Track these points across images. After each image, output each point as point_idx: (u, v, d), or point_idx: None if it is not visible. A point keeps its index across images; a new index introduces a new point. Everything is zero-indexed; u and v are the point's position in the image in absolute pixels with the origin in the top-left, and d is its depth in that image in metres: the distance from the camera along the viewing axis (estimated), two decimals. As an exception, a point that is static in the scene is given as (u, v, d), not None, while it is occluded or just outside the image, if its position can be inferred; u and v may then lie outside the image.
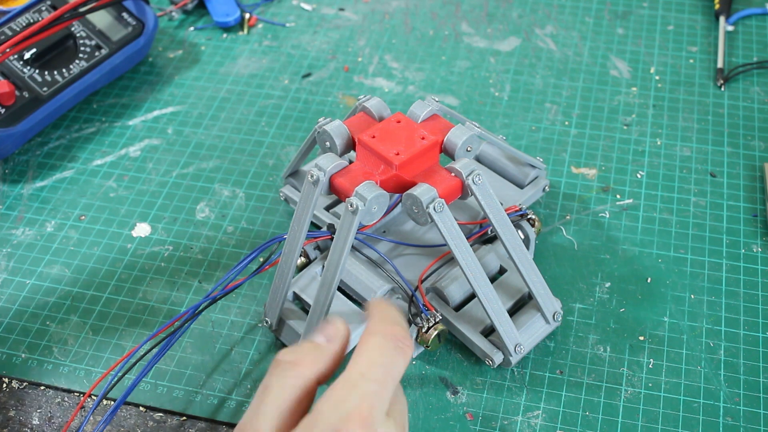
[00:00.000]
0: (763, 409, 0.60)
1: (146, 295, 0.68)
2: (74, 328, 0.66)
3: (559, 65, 0.87)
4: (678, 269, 0.68)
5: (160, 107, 0.84)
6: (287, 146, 0.79)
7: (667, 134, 0.79)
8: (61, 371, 0.64)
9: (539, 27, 0.92)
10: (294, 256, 0.60)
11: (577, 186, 0.75)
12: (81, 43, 0.82)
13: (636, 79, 0.85)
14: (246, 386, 0.62)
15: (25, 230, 0.73)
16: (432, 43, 0.90)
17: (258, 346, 0.64)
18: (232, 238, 0.72)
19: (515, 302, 0.64)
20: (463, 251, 0.56)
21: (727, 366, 0.62)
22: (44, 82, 0.79)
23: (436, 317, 0.60)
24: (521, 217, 0.67)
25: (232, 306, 0.67)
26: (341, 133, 0.58)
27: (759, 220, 0.71)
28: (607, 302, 0.66)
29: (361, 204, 0.54)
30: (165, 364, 0.64)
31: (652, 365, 0.62)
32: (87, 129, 0.82)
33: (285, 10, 0.95)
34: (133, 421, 0.61)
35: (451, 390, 0.62)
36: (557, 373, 0.62)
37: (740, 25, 0.91)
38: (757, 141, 0.78)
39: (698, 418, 0.59)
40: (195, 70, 0.88)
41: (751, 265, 0.68)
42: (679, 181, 0.75)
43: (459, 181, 0.56)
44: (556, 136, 0.79)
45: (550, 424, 0.59)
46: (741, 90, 0.83)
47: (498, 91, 0.84)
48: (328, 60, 0.89)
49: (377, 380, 0.42)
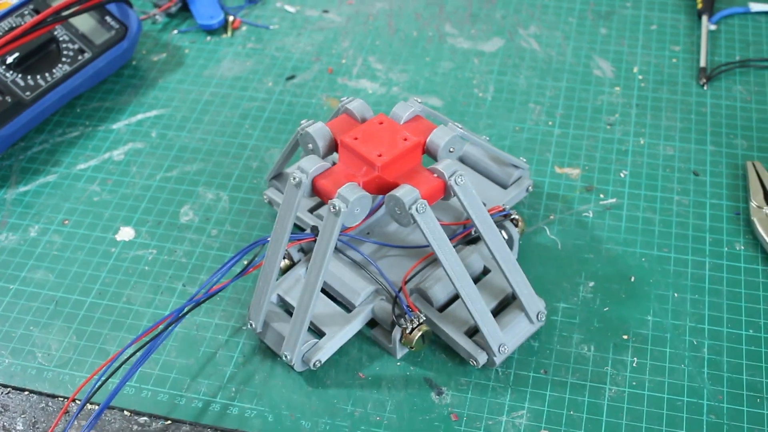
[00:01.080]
0: (746, 406, 0.60)
1: (130, 299, 0.68)
2: (58, 333, 0.66)
3: (543, 65, 0.87)
4: (661, 268, 0.68)
5: (143, 111, 0.84)
6: (271, 149, 0.79)
7: (650, 133, 0.79)
8: (45, 376, 0.63)
9: (523, 27, 0.92)
10: (277, 258, 0.60)
11: (561, 186, 0.75)
12: (64, 47, 0.82)
13: (619, 79, 0.85)
14: (231, 389, 0.62)
15: (9, 235, 0.73)
16: (416, 45, 0.90)
17: (242, 349, 0.64)
18: (216, 241, 0.72)
19: (499, 302, 0.64)
20: (446, 252, 0.56)
21: (710, 364, 0.62)
22: (27, 86, 0.79)
23: (420, 318, 0.60)
24: (505, 217, 0.67)
25: (216, 309, 0.67)
26: (324, 135, 0.58)
27: (742, 219, 0.72)
28: (591, 301, 0.66)
29: (344, 206, 0.54)
30: (149, 368, 0.63)
31: (636, 364, 0.62)
32: (70, 133, 0.82)
33: (269, 13, 0.95)
34: (118, 425, 0.61)
35: (435, 391, 0.62)
36: (541, 373, 0.62)
37: (723, 24, 0.91)
38: (740, 139, 0.78)
39: (682, 416, 0.59)
40: (179, 73, 0.88)
41: (734, 263, 0.69)
42: (663, 180, 0.75)
43: (441, 182, 0.56)
44: (540, 136, 0.79)
45: (535, 423, 0.59)
46: (724, 89, 0.84)
47: (482, 92, 0.84)
48: (312, 62, 0.89)
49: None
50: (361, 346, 0.64)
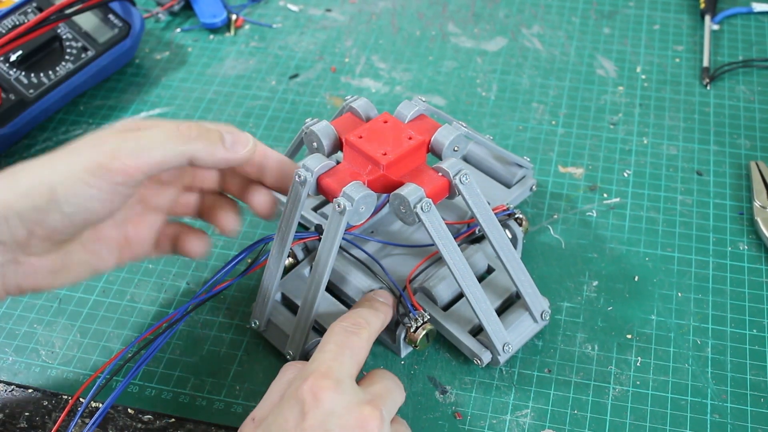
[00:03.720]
0: (750, 406, 0.60)
1: (134, 297, 0.68)
2: (62, 331, 0.66)
3: (546, 65, 0.87)
4: (665, 267, 0.68)
5: (147, 109, 0.84)
6: (274, 147, 0.78)
7: (653, 133, 0.79)
8: (49, 374, 0.63)
9: (526, 27, 0.92)
10: (282, 256, 0.60)
11: (565, 185, 0.75)
12: (67, 45, 0.82)
13: (622, 79, 0.85)
14: (235, 387, 0.62)
15: (12, 233, 0.73)
16: (419, 44, 0.90)
17: (246, 347, 0.64)
18: (219, 240, 0.72)
19: (503, 301, 0.64)
20: (450, 251, 0.56)
21: (714, 363, 0.62)
22: (30, 84, 0.79)
23: (424, 317, 0.60)
24: (508, 216, 0.67)
25: (220, 307, 0.67)
26: (328, 133, 0.58)
27: (745, 218, 0.72)
28: (595, 301, 0.66)
29: (349, 204, 0.54)
30: (153, 366, 0.63)
31: (640, 363, 0.62)
32: (74, 131, 0.82)
33: (272, 11, 0.95)
34: (122, 423, 0.61)
35: (439, 389, 0.62)
36: (545, 372, 0.62)
37: (725, 24, 0.91)
38: (743, 139, 0.78)
39: (686, 416, 0.59)
40: (182, 71, 0.88)
41: (737, 262, 0.69)
42: (666, 179, 0.75)
43: (446, 181, 0.56)
44: (543, 135, 0.79)
45: (539, 422, 0.60)
46: (727, 89, 0.84)
47: (485, 91, 0.84)
48: (315, 61, 0.89)
49: (331, 350, 0.52)
50: (365, 345, 0.64)
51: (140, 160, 0.51)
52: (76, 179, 0.51)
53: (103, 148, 0.51)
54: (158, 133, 0.53)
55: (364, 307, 0.58)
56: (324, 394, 0.49)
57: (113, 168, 0.51)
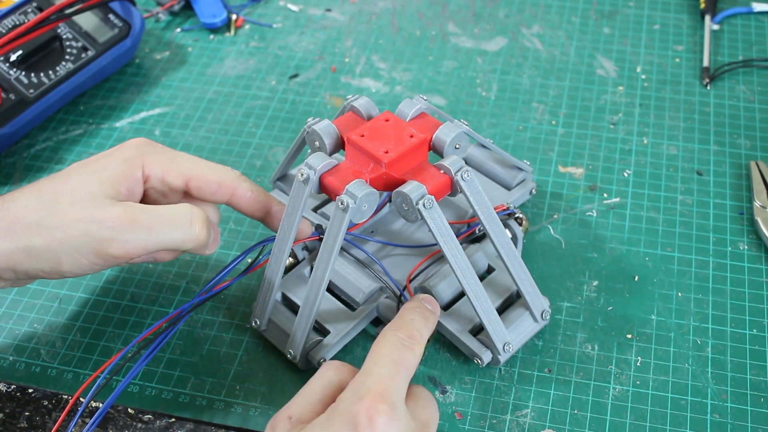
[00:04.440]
0: (750, 405, 0.60)
1: (134, 297, 0.68)
2: (62, 331, 0.66)
3: (546, 65, 0.87)
4: (665, 267, 0.68)
5: (147, 109, 0.84)
6: (274, 147, 0.79)
7: (653, 133, 0.79)
8: (49, 373, 0.63)
9: (526, 27, 0.92)
10: (283, 256, 0.60)
11: (565, 185, 0.75)
12: (67, 44, 0.82)
13: (622, 78, 0.85)
14: (235, 387, 0.62)
15: (12, 232, 0.73)
16: (419, 44, 0.90)
17: (246, 347, 0.64)
18: (220, 239, 0.71)
19: (503, 301, 0.64)
20: (452, 248, 0.56)
21: (714, 363, 0.62)
22: (30, 84, 0.79)
23: (424, 316, 0.60)
24: (509, 216, 0.67)
25: (220, 307, 0.67)
26: (330, 132, 0.58)
27: (745, 218, 0.72)
28: (595, 300, 0.66)
29: (352, 202, 0.54)
30: (153, 366, 0.63)
31: (640, 363, 0.62)
32: (74, 131, 0.82)
33: (272, 11, 0.95)
34: (122, 423, 0.61)
35: (439, 389, 0.62)
36: (545, 372, 0.62)
37: (726, 24, 0.91)
38: (743, 139, 0.78)
39: (686, 416, 0.59)
40: (182, 71, 0.88)
41: (737, 262, 0.69)
42: (666, 179, 0.75)
43: (448, 178, 0.56)
44: (543, 135, 0.80)
45: (539, 422, 0.59)
46: (727, 89, 0.84)
47: (485, 91, 0.84)
48: (315, 60, 0.89)
49: (388, 366, 0.50)
50: (366, 345, 0.64)
51: (146, 247, 0.57)
52: (82, 258, 0.56)
53: (113, 231, 0.56)
54: (173, 230, 0.57)
55: (415, 315, 0.55)
56: (380, 420, 0.48)
57: (119, 255, 0.56)
